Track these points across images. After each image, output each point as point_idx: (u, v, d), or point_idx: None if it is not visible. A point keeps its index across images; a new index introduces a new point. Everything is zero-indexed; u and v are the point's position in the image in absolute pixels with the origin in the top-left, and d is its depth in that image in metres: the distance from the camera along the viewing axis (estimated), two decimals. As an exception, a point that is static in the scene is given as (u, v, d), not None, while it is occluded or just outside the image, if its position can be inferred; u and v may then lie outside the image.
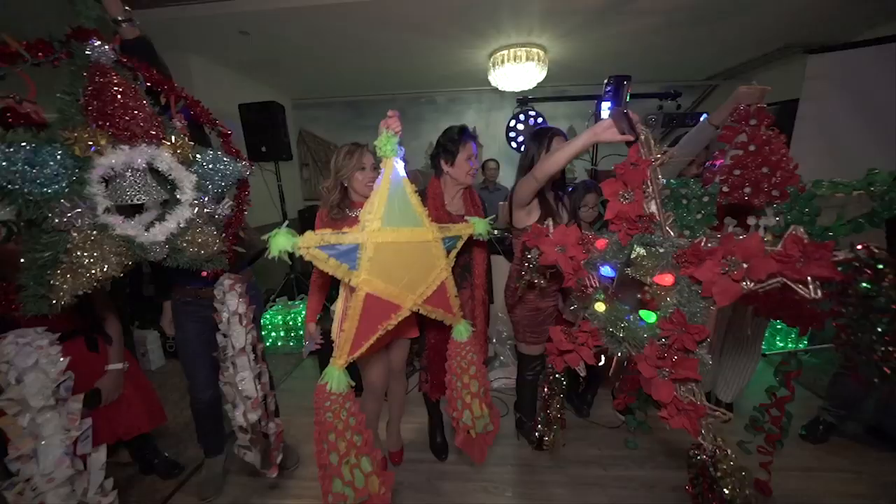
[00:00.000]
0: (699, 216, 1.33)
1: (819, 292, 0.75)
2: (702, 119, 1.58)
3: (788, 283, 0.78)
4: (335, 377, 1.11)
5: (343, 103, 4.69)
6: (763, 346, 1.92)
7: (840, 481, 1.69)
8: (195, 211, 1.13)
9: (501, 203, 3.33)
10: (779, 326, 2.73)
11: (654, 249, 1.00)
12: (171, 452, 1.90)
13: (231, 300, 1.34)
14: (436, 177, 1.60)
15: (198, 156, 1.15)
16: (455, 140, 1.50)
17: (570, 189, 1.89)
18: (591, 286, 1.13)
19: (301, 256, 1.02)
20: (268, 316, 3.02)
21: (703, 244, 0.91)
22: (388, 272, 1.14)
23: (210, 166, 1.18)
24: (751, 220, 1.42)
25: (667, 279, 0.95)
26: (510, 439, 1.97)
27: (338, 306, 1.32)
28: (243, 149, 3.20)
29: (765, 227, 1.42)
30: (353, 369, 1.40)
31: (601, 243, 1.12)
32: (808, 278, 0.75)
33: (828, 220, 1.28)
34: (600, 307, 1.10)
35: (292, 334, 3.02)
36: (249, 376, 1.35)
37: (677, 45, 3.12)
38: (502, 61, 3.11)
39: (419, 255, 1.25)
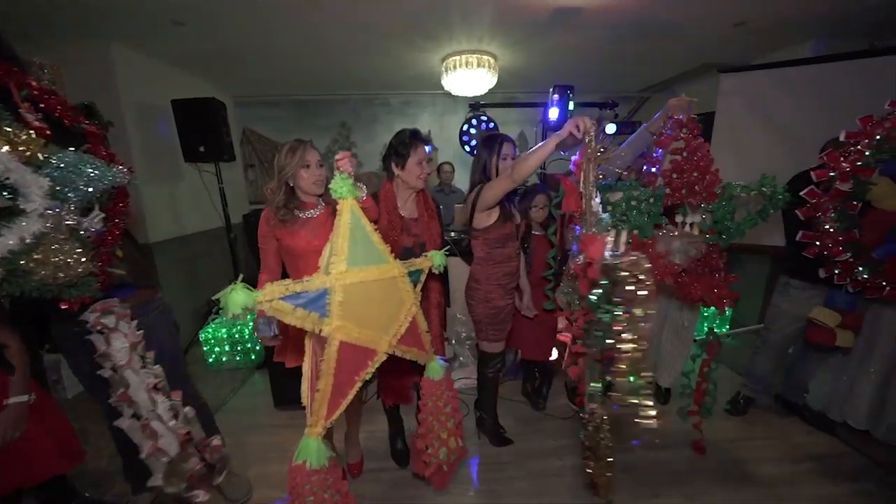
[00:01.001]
0: (646, 218, 1.49)
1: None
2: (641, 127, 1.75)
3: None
4: (313, 451, 0.98)
5: (292, 102, 4.48)
6: (694, 333, 2.12)
7: (758, 447, 1.93)
8: (48, 223, 0.89)
9: (458, 205, 3.38)
10: (706, 314, 3.05)
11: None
12: (93, 492, 1.67)
13: (113, 338, 1.11)
14: (388, 180, 1.58)
15: (53, 157, 0.93)
16: (406, 143, 1.49)
17: (524, 192, 1.97)
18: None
19: (245, 257, 0.97)
20: (210, 329, 2.79)
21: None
22: (361, 314, 1.09)
23: (71, 170, 0.95)
24: (678, 218, 1.59)
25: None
26: (471, 439, 1.99)
27: (305, 367, 1.21)
28: (178, 148, 2.93)
29: (691, 224, 1.60)
30: (293, 378, 1.33)
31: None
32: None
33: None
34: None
35: (238, 348, 2.81)
36: (160, 427, 1.14)
37: (614, 59, 3.38)
38: (455, 66, 3.16)
39: (389, 292, 1.22)
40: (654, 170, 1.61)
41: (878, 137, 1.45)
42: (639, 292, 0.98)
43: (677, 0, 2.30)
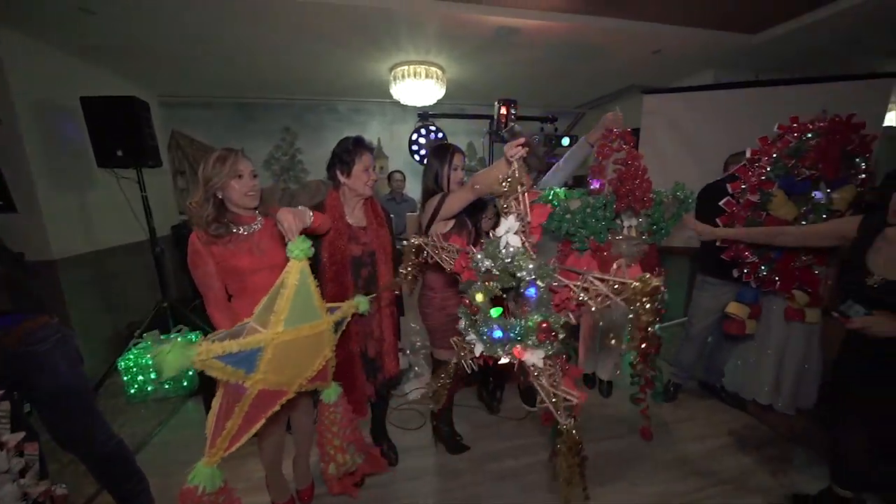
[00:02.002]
0: (602, 224, 1.63)
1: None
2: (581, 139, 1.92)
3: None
4: (207, 477, 1.04)
5: (230, 104, 4.19)
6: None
7: (687, 428, 2.14)
8: None
9: (411, 214, 3.38)
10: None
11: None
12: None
13: None
14: (334, 188, 1.54)
15: None
16: (350, 151, 1.46)
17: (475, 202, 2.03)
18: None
19: (174, 276, 0.89)
20: (132, 356, 2.46)
21: None
22: (283, 367, 1.13)
23: None
24: (618, 221, 1.76)
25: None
26: (428, 450, 1.98)
27: (215, 403, 1.14)
28: (89, 152, 2.59)
29: (629, 226, 1.78)
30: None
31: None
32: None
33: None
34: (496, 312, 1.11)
35: (169, 374, 2.52)
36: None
37: (553, 76, 3.64)
38: (403, 76, 3.18)
39: (313, 345, 1.25)
40: (595, 185, 1.76)
41: (774, 155, 1.73)
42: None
43: (602, 27, 2.55)
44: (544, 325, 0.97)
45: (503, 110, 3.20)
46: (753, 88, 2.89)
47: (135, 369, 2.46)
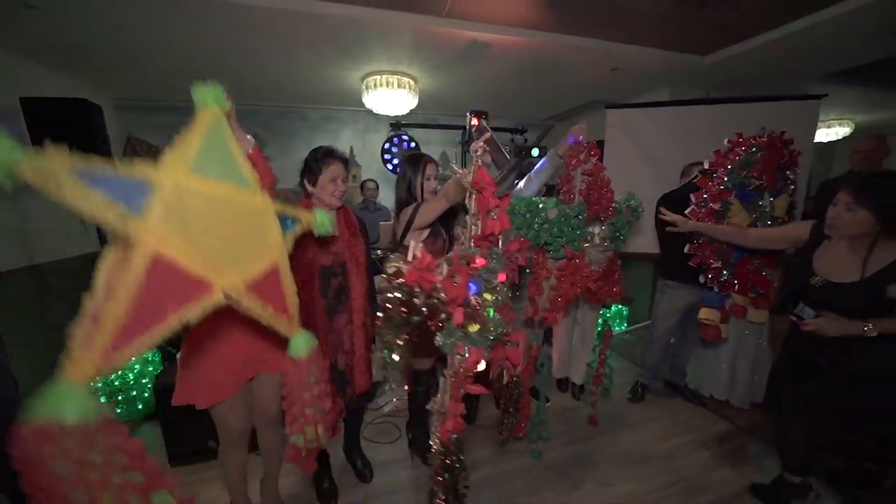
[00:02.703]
0: (577, 232, 1.70)
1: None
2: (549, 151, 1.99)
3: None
4: (75, 400, 0.60)
5: (191, 108, 4.00)
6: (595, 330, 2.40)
7: (654, 427, 2.23)
8: None
9: (384, 223, 3.35)
10: (608, 315, 3.47)
11: (495, 258, 1.18)
12: None
13: None
14: (305, 197, 1.51)
15: None
16: (318, 160, 1.43)
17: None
18: (478, 305, 1.10)
19: None
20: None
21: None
22: (195, 233, 0.78)
23: None
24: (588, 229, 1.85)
25: (502, 277, 1.18)
26: (404, 463, 1.94)
27: (99, 281, 0.73)
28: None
29: (591, 235, 1.85)
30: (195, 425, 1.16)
31: (481, 261, 1.11)
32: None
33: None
34: (475, 326, 1.08)
35: (120, 397, 2.33)
36: None
37: (522, 89, 3.77)
38: (375, 85, 3.19)
39: (244, 223, 0.92)
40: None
41: (729, 167, 1.87)
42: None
43: (566, 45, 2.68)
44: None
45: (475, 121, 3.27)
46: (704, 105, 3.12)
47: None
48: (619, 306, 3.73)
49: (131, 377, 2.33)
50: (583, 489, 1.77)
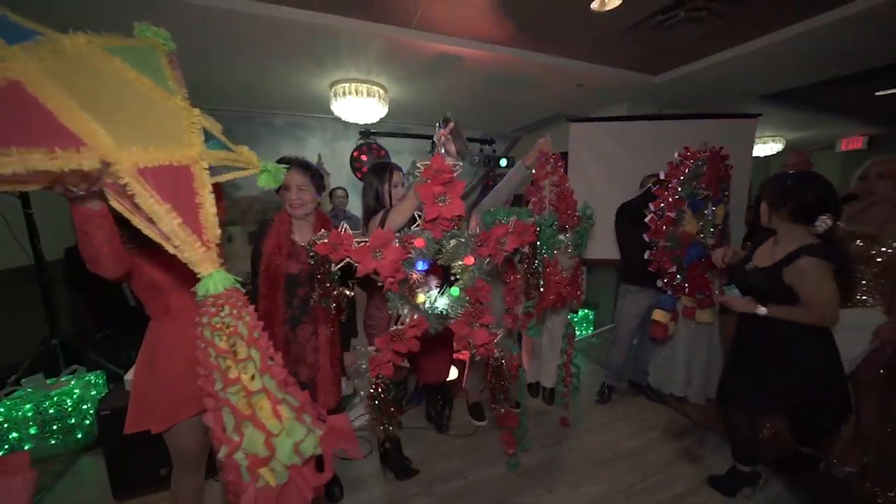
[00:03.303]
0: (552, 240, 1.76)
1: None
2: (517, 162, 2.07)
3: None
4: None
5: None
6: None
7: (620, 427, 2.31)
8: None
9: (354, 231, 3.29)
10: (576, 319, 3.58)
11: (461, 240, 1.32)
12: None
13: None
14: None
15: None
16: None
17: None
18: (418, 281, 1.31)
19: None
20: (3, 408, 2.00)
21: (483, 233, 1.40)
22: (80, 90, 0.67)
23: None
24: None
25: (469, 260, 1.33)
26: (376, 478, 1.89)
27: None
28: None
29: (563, 241, 1.93)
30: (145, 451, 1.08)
31: (420, 242, 1.26)
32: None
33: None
34: (421, 298, 1.33)
35: (55, 427, 2.09)
36: None
37: (491, 102, 3.88)
38: (344, 93, 3.15)
39: (155, 112, 0.80)
40: (530, 207, 1.90)
41: (682, 178, 2.01)
42: None
43: (533, 61, 2.80)
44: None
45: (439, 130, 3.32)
46: (656, 121, 3.35)
47: (6, 425, 2.00)
48: (586, 310, 3.87)
49: (69, 403, 2.11)
50: (556, 493, 1.80)
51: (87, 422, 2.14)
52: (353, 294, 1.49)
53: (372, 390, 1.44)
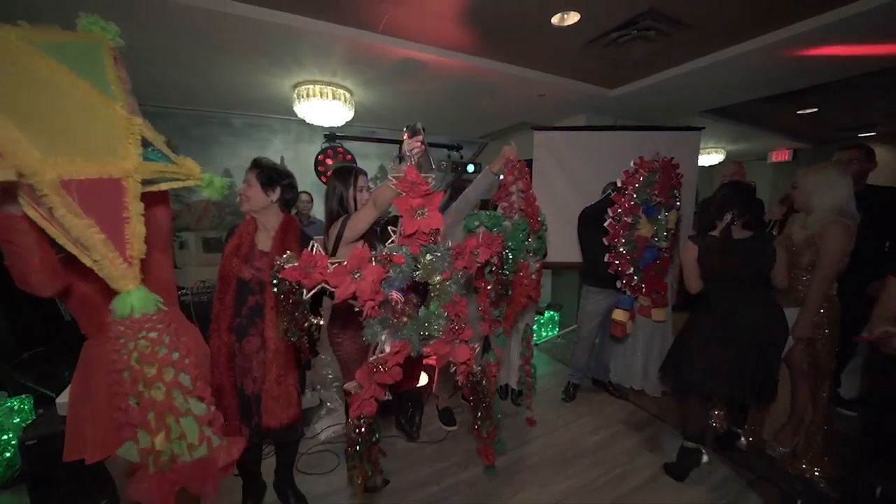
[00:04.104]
0: (525, 244, 1.79)
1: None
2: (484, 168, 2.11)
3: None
4: None
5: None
6: (534, 339, 2.54)
7: (584, 423, 2.40)
8: None
9: (317, 237, 3.19)
10: (542, 321, 3.69)
11: (437, 255, 1.23)
12: None
13: None
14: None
15: None
16: None
17: (385, 222, 2.03)
18: (400, 302, 1.19)
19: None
20: None
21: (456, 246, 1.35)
22: (2, 89, 0.65)
23: None
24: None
25: (447, 274, 1.26)
26: (344, 493, 1.83)
27: None
28: None
29: (531, 245, 1.99)
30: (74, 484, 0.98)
31: (399, 258, 1.15)
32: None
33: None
34: (402, 320, 1.23)
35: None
36: None
37: (457, 108, 3.93)
38: (308, 95, 3.07)
39: (90, 121, 0.75)
40: (502, 212, 1.94)
41: (637, 185, 2.13)
42: None
43: (497, 70, 2.88)
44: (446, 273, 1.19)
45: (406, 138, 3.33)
46: (613, 131, 3.56)
47: None
48: (552, 312, 4.00)
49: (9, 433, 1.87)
50: (524, 493, 1.83)
51: (9, 454, 1.90)
52: (322, 322, 1.40)
53: (354, 434, 1.23)
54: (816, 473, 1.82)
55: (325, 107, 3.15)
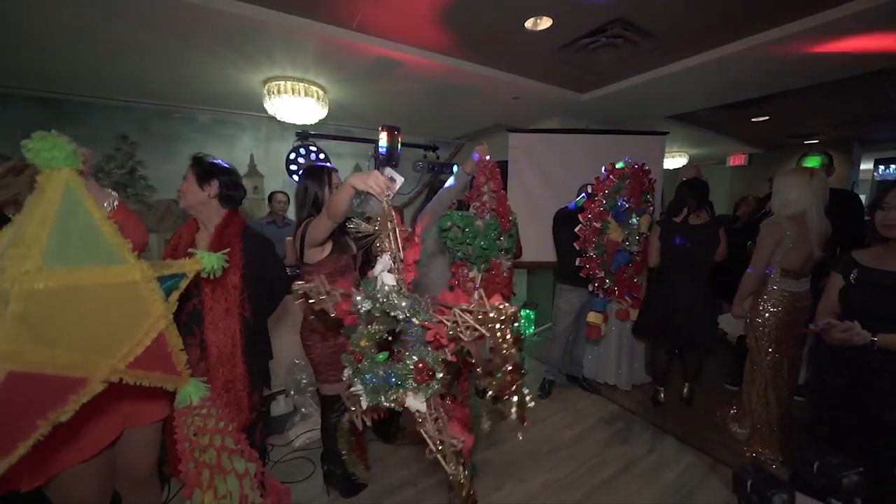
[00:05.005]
0: (496, 243, 1.79)
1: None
2: (455, 168, 2.10)
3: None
4: None
5: (35, 99, 3.19)
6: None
7: (559, 419, 2.46)
8: None
9: (289, 238, 3.10)
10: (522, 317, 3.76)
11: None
12: None
13: None
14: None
15: None
16: None
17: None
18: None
19: None
20: None
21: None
22: (58, 333, 0.72)
23: None
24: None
25: (430, 335, 1.01)
26: (320, 499, 1.79)
27: None
28: None
29: (503, 244, 2.01)
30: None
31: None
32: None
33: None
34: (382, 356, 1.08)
35: None
36: None
37: (433, 108, 3.93)
38: (279, 91, 2.97)
39: (119, 302, 0.83)
40: (474, 212, 1.95)
41: (606, 191, 2.21)
42: None
43: (472, 72, 2.90)
44: (420, 365, 0.94)
45: (387, 137, 3.29)
46: (584, 134, 3.67)
47: None
48: (528, 311, 4.07)
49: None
50: (503, 489, 1.85)
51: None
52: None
53: (349, 424, 1.21)
54: (770, 455, 1.96)
55: (296, 104, 3.06)
